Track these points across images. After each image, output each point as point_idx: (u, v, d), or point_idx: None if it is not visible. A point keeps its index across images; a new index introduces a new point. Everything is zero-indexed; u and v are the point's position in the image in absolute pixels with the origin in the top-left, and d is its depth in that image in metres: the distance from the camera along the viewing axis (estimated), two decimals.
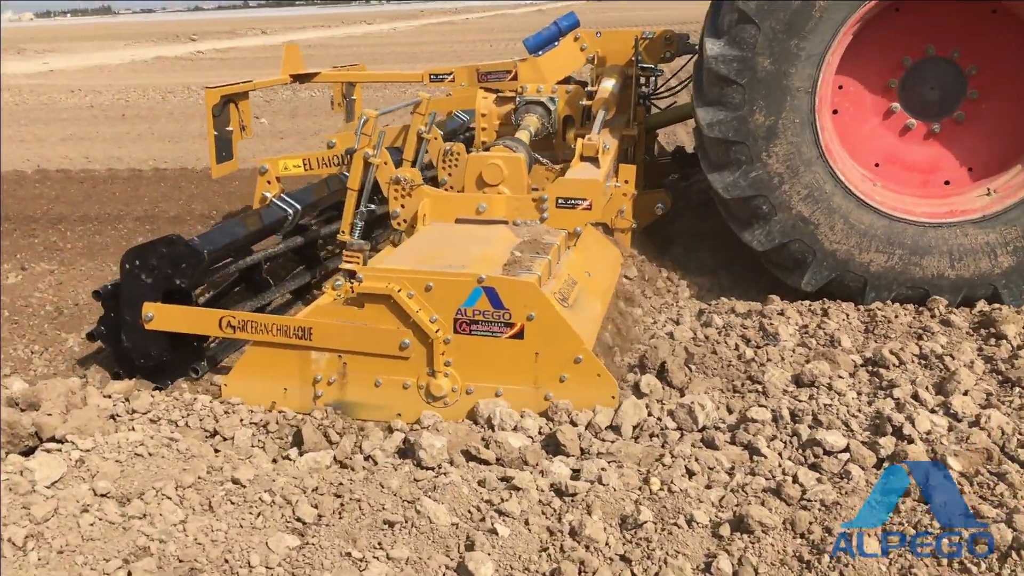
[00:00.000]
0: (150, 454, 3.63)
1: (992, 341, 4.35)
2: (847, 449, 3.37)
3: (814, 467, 3.33)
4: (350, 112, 7.40)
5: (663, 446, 3.53)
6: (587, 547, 2.86)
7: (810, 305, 4.87)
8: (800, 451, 3.43)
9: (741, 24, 4.55)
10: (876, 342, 4.44)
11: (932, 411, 3.65)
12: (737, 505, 3.07)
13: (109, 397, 4.13)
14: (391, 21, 70.13)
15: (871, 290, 4.81)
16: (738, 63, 4.59)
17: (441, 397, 3.88)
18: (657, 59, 6.17)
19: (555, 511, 3.11)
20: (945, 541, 2.77)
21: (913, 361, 4.13)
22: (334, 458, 3.67)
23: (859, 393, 3.85)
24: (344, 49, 34.97)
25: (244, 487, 3.38)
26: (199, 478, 3.47)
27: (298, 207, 4.87)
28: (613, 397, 3.77)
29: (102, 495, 3.24)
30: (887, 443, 3.37)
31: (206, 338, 4.54)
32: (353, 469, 3.53)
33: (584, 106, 5.73)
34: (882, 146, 4.93)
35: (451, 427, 3.74)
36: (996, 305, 4.72)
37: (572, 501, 3.14)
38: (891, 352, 4.14)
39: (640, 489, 3.22)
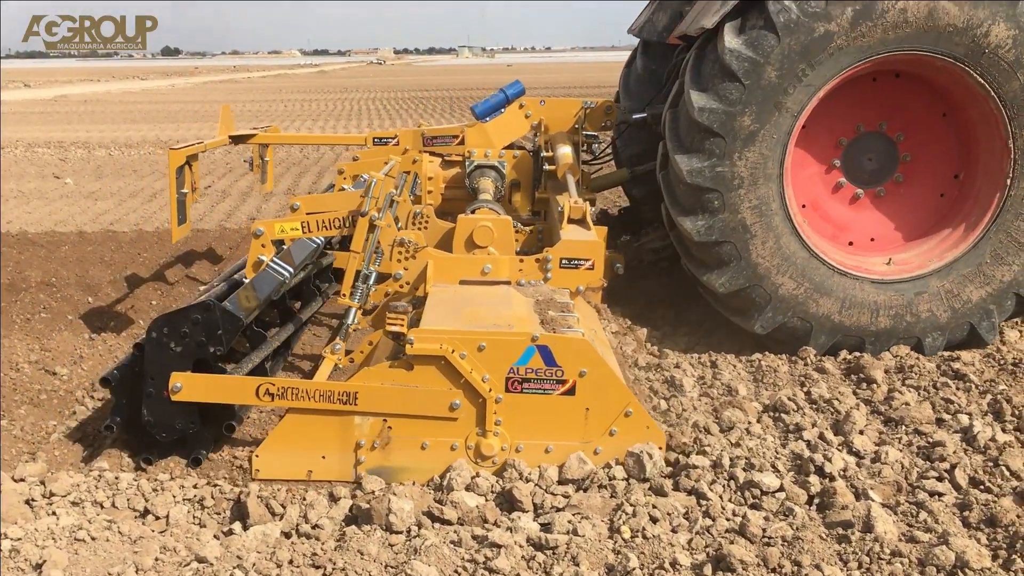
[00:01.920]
0: (92, 538, 3.47)
1: (864, 385, 4.88)
2: (782, 488, 3.70)
3: (755, 507, 3.63)
4: (264, 174, 7.28)
5: (612, 496, 3.73)
6: None
7: (699, 358, 5.26)
8: (739, 493, 3.73)
9: (726, 80, 4.93)
10: (767, 390, 4.87)
11: (837, 449, 4.06)
12: (707, 546, 3.31)
13: (23, 480, 3.86)
14: (166, 77, 67.90)
15: (817, 335, 5.25)
16: (722, 116, 4.96)
17: (491, 456, 3.88)
18: (597, 127, 6.49)
19: (541, 565, 3.23)
20: (898, 565, 3.12)
21: (806, 406, 4.57)
22: (281, 531, 3.61)
23: (773, 436, 4.22)
24: (132, 105, 33.51)
25: (212, 565, 3.27)
26: (157, 559, 3.33)
27: (291, 270, 4.70)
28: (660, 448, 3.90)
29: None
30: (814, 481, 3.73)
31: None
32: (318, 539, 3.49)
33: (548, 170, 5.92)
34: (813, 193, 5.49)
35: (407, 490, 3.78)
36: (858, 353, 5.29)
37: (554, 554, 3.27)
38: (788, 398, 4.56)
39: (612, 538, 3.40)
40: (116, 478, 3.92)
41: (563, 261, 4.68)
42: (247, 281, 4.48)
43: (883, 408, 4.56)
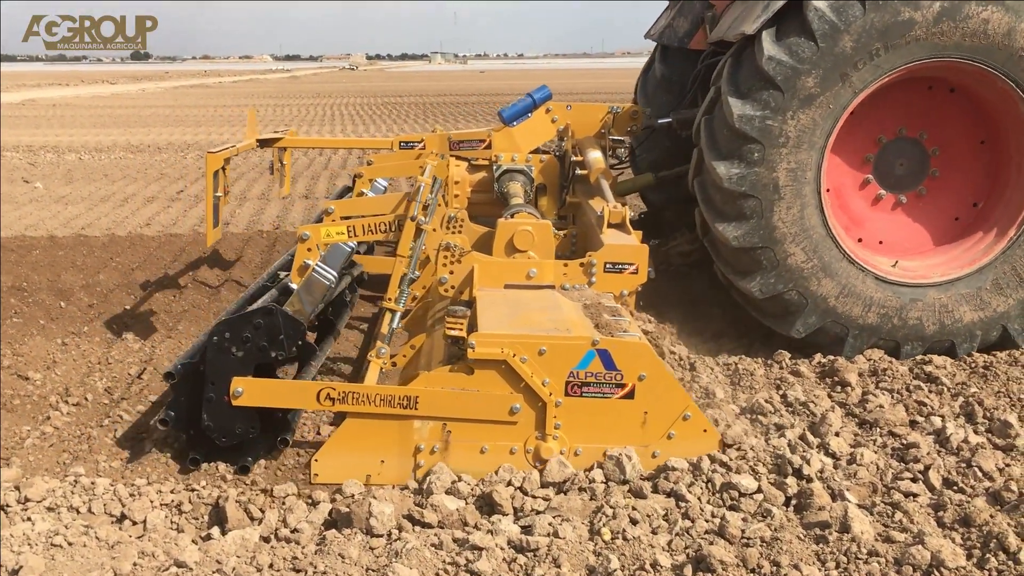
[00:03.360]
0: (69, 544, 3.44)
1: (839, 388, 4.94)
2: (760, 490, 3.74)
3: (733, 508, 3.66)
4: (282, 178, 7.32)
5: (592, 499, 3.75)
6: None
7: (679, 360, 5.30)
8: (718, 495, 3.76)
9: (766, 88, 5.01)
10: (744, 392, 4.92)
11: (815, 451, 4.10)
12: (687, 547, 3.34)
13: None
14: (136, 82, 67.31)
15: (851, 338, 5.33)
16: (760, 123, 5.03)
17: (549, 460, 3.90)
18: (623, 132, 6.51)
19: (522, 567, 3.24)
20: (875, 564, 3.16)
21: (782, 408, 4.61)
22: (260, 535, 3.60)
23: (751, 439, 4.25)
24: (102, 110, 33.20)
25: (191, 570, 3.25)
26: (135, 564, 3.31)
27: (335, 274, 4.72)
28: (717, 451, 3.95)
29: None
30: (792, 483, 3.77)
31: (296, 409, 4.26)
32: (298, 543, 3.48)
33: (581, 174, 5.93)
34: (839, 181, 5.58)
35: (387, 493, 3.77)
36: (832, 356, 5.35)
37: (535, 556, 3.28)
38: (765, 400, 4.60)
39: (592, 540, 3.41)
40: (92, 483, 3.89)
41: (607, 265, 4.73)
42: (296, 286, 4.51)
43: (858, 411, 4.61)
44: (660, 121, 6.66)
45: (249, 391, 3.94)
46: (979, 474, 3.87)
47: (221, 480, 4.01)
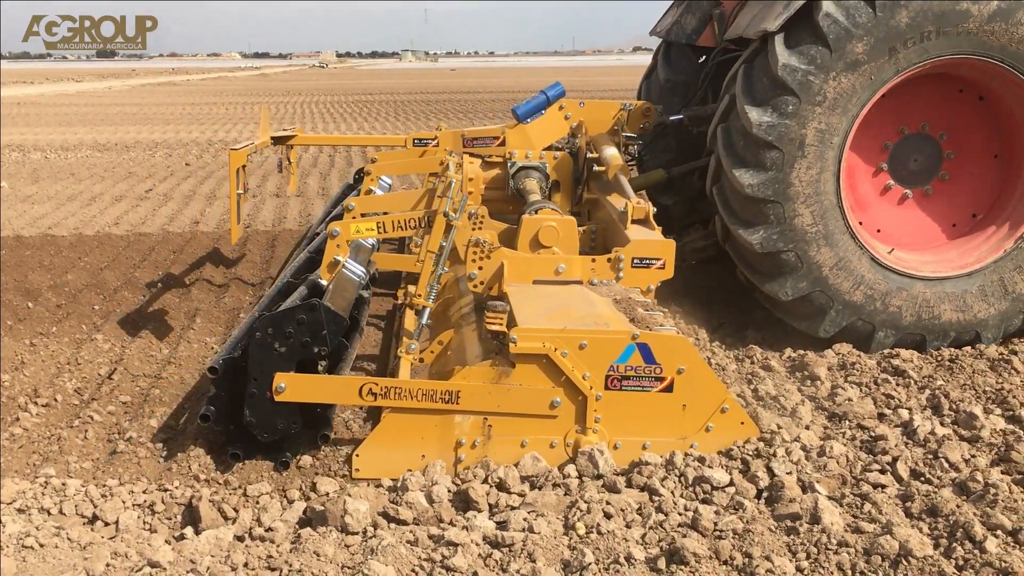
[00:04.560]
0: (41, 545, 3.41)
1: (808, 382, 5.00)
2: (731, 483, 3.78)
3: (706, 501, 3.70)
4: (289, 176, 7.32)
5: (566, 494, 3.78)
6: None
7: None
8: (690, 488, 3.79)
9: (782, 95, 5.08)
10: None
11: (784, 444, 4.15)
12: (660, 540, 3.37)
13: None
14: (103, 79, 66.57)
15: (833, 312, 5.40)
16: (779, 129, 5.09)
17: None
18: (636, 129, 6.51)
19: (497, 562, 3.25)
20: (845, 554, 3.21)
21: (754, 403, 4.65)
22: (234, 535, 3.59)
23: None
24: (68, 108, 32.82)
25: (165, 569, 3.24)
26: (108, 565, 3.29)
27: (364, 270, 4.75)
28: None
29: None
30: (763, 475, 3.81)
31: (333, 405, 4.24)
32: (272, 541, 3.47)
33: (598, 171, 5.96)
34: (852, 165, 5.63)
35: (361, 491, 3.78)
36: (802, 351, 5.41)
37: (510, 551, 3.30)
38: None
39: (567, 535, 3.44)
40: (63, 484, 3.87)
41: (635, 260, 4.77)
42: (325, 282, 4.53)
43: (827, 404, 4.67)
44: (672, 118, 6.72)
45: (292, 387, 3.92)
46: (946, 465, 3.94)
47: (194, 480, 4.00)
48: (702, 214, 6.74)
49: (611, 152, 5.98)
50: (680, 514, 3.54)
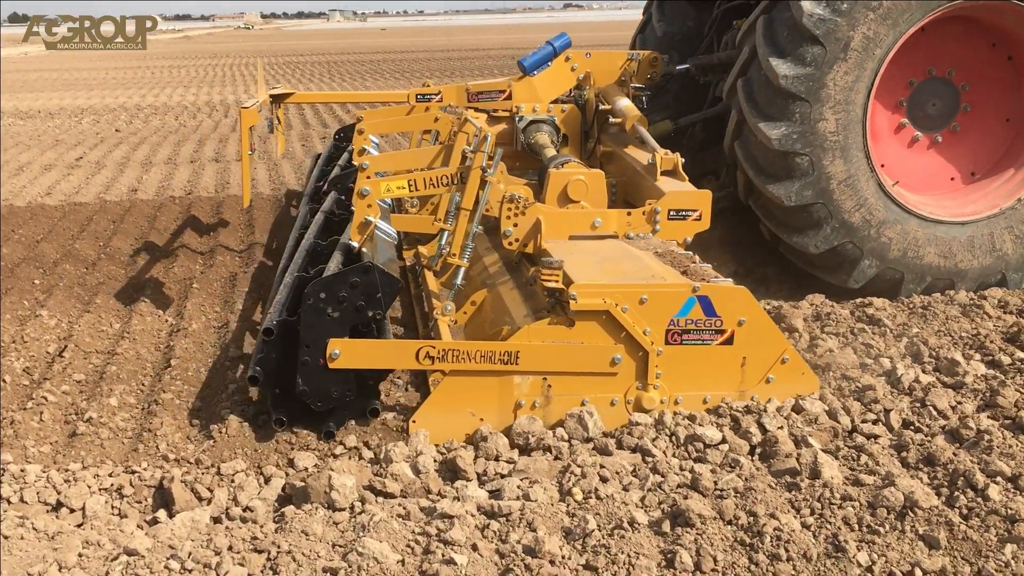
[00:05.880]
0: (5, 537, 3.18)
1: (787, 335, 4.92)
2: (724, 440, 3.70)
3: (700, 460, 3.61)
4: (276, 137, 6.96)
5: (557, 458, 3.66)
6: (551, 562, 2.92)
7: None
8: (683, 447, 3.71)
9: (806, 44, 5.01)
10: None
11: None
12: (660, 503, 3.27)
13: None
14: (17, 45, 63.86)
15: (829, 229, 5.36)
16: (806, 80, 5.00)
17: (651, 410, 3.84)
18: (643, 80, 6.34)
19: (496, 533, 3.12)
20: (850, 508, 3.15)
21: None
22: (211, 516, 3.41)
23: None
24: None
25: (143, 557, 3.04)
26: (80, 555, 3.09)
27: (394, 231, 4.61)
28: (813, 394, 3.95)
29: None
30: (755, 431, 3.74)
31: (384, 373, 4.07)
32: (255, 521, 3.30)
33: (615, 123, 5.80)
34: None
35: (343, 464, 3.61)
36: (778, 302, 5.37)
37: (508, 521, 3.17)
38: None
39: (564, 501, 3.32)
40: (22, 471, 3.64)
41: (671, 213, 4.67)
42: (357, 244, 4.39)
43: (808, 356, 4.61)
44: (679, 68, 6.61)
45: (346, 353, 3.78)
46: (934, 413, 3.92)
47: (163, 460, 3.79)
48: (708, 165, 6.65)
49: (626, 103, 5.83)
50: (677, 474, 3.45)
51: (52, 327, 5.42)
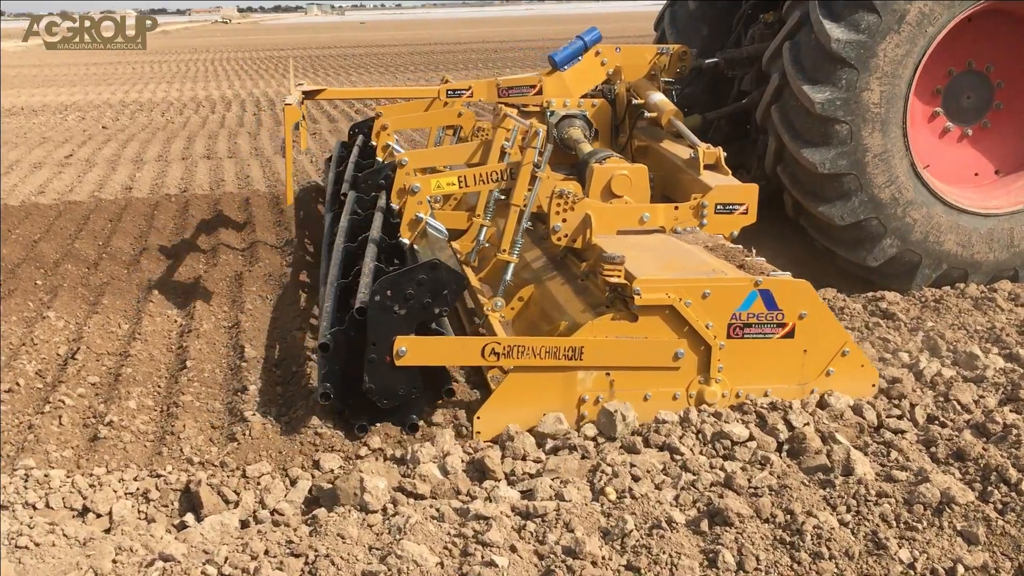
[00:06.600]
0: (36, 544, 3.13)
1: None
2: (752, 437, 3.70)
3: (728, 457, 3.61)
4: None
5: (584, 458, 3.65)
6: (593, 563, 2.91)
7: None
8: (710, 445, 3.70)
9: (862, 11, 5.01)
10: None
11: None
12: (695, 502, 3.27)
13: None
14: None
15: (856, 202, 5.35)
16: (857, 47, 5.01)
17: (713, 404, 3.84)
18: (673, 73, 6.32)
19: (533, 534, 3.11)
20: (886, 505, 3.15)
21: None
22: (239, 519, 3.38)
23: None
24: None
25: (180, 563, 3.01)
26: (114, 562, 3.05)
27: (443, 227, 4.59)
28: (874, 386, 3.96)
29: None
30: (781, 428, 3.74)
31: (447, 372, 4.06)
32: (288, 525, 3.28)
33: (650, 117, 5.80)
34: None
35: (372, 465, 3.59)
36: None
37: (544, 521, 3.16)
38: None
39: (598, 500, 3.31)
40: (46, 476, 3.58)
41: (718, 207, 4.68)
42: (408, 241, 4.41)
43: None
44: (707, 62, 6.62)
45: (413, 350, 3.77)
46: (958, 407, 3.93)
47: (188, 463, 3.75)
48: (736, 159, 6.66)
49: (660, 98, 5.83)
50: (708, 472, 3.45)
51: (60, 328, 5.36)
